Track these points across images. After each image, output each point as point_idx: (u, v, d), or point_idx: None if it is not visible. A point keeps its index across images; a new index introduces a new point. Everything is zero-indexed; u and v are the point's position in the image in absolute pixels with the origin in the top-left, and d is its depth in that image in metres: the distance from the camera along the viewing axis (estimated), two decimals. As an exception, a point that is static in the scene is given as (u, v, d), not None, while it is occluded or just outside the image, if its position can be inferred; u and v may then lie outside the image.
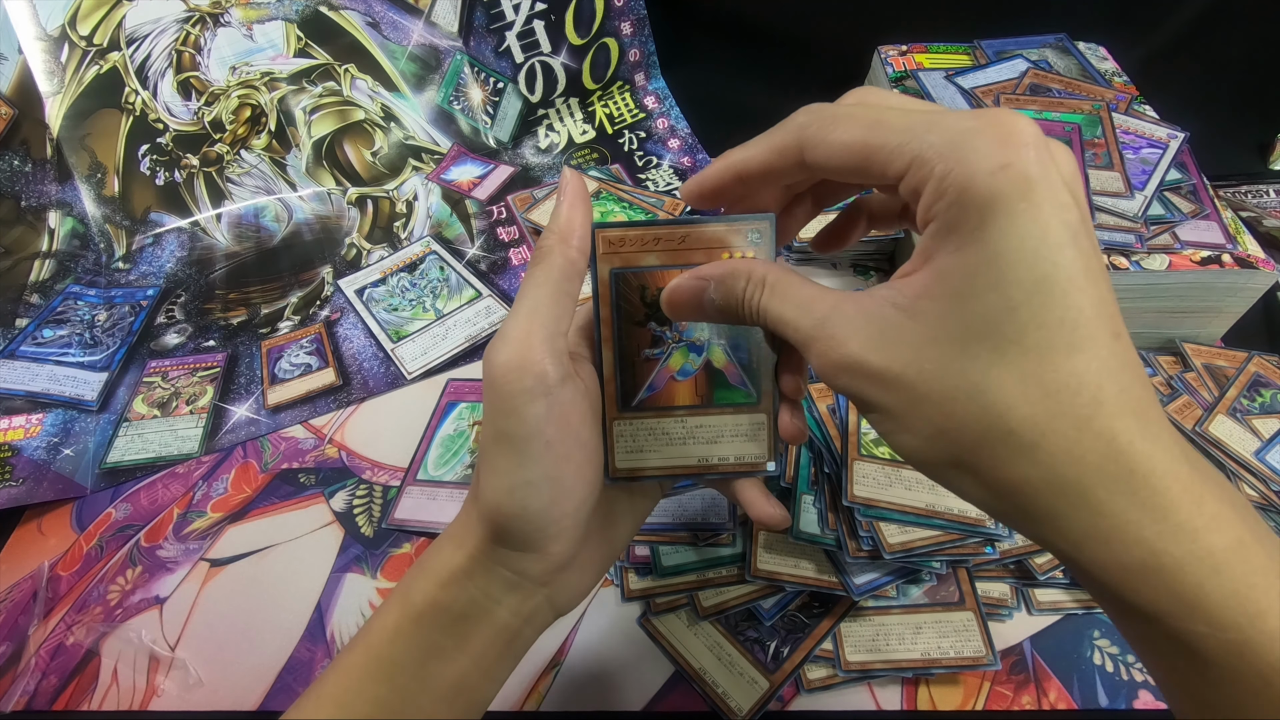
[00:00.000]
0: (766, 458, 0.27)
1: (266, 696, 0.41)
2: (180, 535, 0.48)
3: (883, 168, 0.19)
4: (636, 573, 0.43)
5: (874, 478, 0.40)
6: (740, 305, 0.23)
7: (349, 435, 0.53)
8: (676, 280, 0.25)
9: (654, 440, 0.27)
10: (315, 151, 0.70)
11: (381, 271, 0.64)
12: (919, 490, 0.39)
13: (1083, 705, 0.39)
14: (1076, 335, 0.17)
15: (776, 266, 0.23)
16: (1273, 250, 0.57)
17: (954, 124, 0.18)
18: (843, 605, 0.41)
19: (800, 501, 0.41)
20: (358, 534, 0.48)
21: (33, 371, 0.57)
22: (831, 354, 0.20)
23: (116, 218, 0.67)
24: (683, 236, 0.25)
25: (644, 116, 0.74)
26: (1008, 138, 0.17)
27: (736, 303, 0.23)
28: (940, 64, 0.63)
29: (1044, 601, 0.42)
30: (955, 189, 0.18)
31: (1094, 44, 0.65)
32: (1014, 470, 0.18)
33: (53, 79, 0.64)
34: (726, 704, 0.39)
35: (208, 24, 0.66)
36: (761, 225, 0.25)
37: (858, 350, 0.20)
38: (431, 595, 0.26)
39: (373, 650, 0.26)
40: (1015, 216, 0.17)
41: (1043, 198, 0.17)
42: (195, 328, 0.61)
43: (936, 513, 0.38)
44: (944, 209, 0.18)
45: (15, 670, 0.43)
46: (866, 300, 0.20)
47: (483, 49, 0.69)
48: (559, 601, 0.27)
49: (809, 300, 0.21)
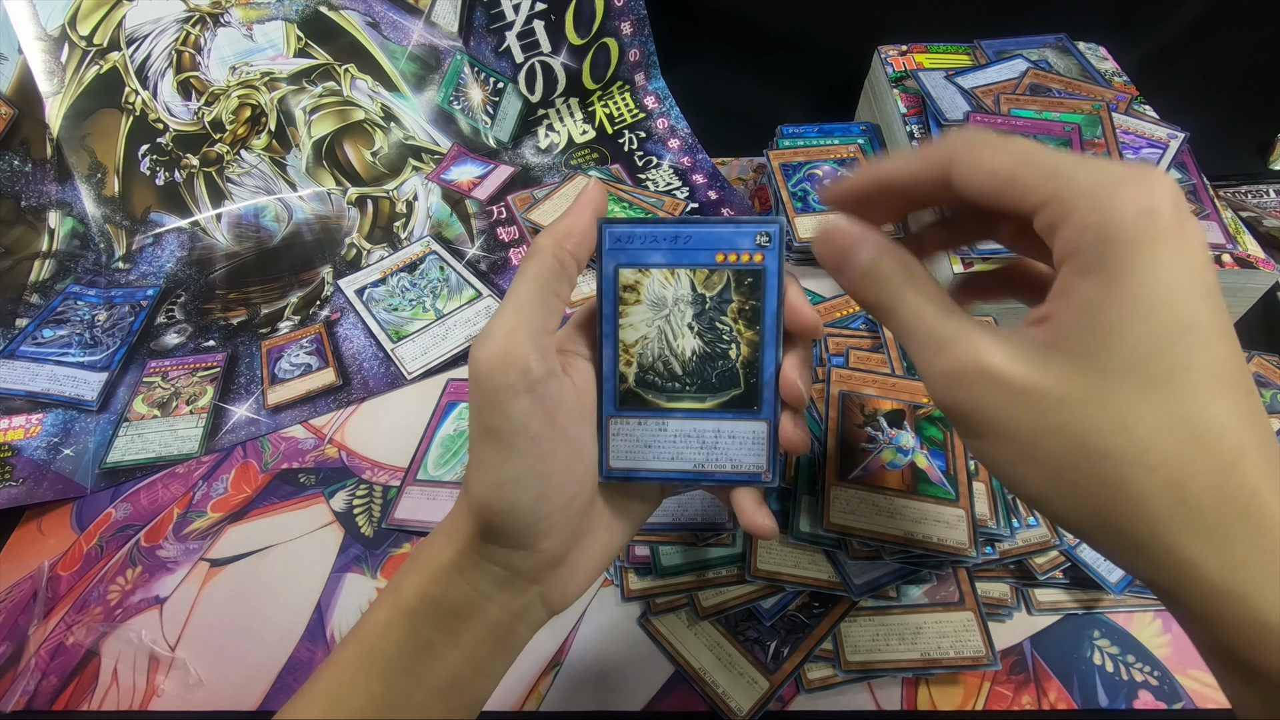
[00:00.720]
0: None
1: (266, 696, 0.41)
2: (180, 535, 0.48)
3: (1022, 197, 0.19)
4: (636, 573, 0.43)
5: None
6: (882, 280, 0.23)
7: (349, 435, 0.53)
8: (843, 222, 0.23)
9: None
10: (315, 151, 0.70)
11: (381, 271, 0.64)
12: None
13: (1083, 705, 0.39)
14: (1219, 383, 0.18)
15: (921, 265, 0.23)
16: (1273, 250, 0.57)
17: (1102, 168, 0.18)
18: (843, 605, 0.41)
19: (801, 502, 0.41)
20: (358, 534, 0.48)
21: (33, 371, 0.57)
22: (969, 359, 0.20)
23: (116, 218, 0.67)
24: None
25: (644, 116, 0.74)
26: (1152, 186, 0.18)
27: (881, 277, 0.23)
28: (940, 64, 0.63)
29: (1044, 601, 0.42)
30: (1101, 226, 0.18)
31: (1094, 44, 0.65)
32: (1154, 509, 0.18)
33: (53, 79, 0.64)
34: (726, 704, 0.39)
35: (208, 24, 0.66)
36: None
37: (1000, 360, 0.19)
38: (423, 590, 0.26)
39: (365, 645, 0.26)
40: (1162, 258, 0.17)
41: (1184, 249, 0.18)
42: (195, 328, 0.61)
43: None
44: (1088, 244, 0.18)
45: (15, 670, 0.43)
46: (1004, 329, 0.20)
47: (483, 49, 0.69)
48: (552, 599, 0.27)
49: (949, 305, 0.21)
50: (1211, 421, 0.17)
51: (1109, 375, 0.18)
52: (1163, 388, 0.18)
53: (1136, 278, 0.17)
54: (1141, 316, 0.17)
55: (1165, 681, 0.39)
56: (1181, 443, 0.17)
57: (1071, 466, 0.19)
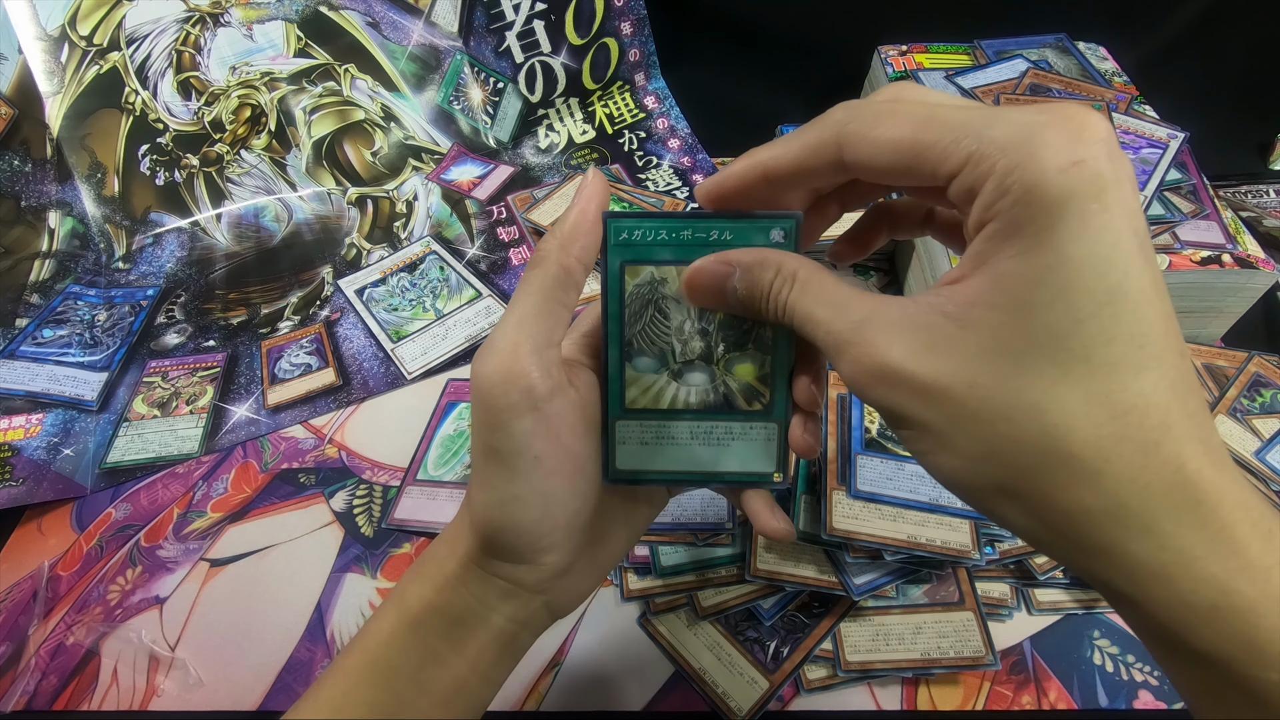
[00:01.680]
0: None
1: (266, 696, 0.41)
2: (180, 535, 0.48)
3: (935, 166, 0.18)
4: (636, 573, 0.43)
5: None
6: (765, 299, 0.21)
7: (349, 435, 0.53)
8: (701, 262, 0.23)
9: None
10: (315, 151, 0.70)
11: (381, 271, 0.64)
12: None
13: (1083, 705, 0.39)
14: (1145, 353, 0.16)
15: (810, 262, 0.21)
16: (1273, 250, 0.57)
17: (1019, 118, 0.17)
18: (842, 605, 0.41)
19: (800, 502, 0.41)
20: (358, 534, 0.48)
21: (33, 371, 0.57)
22: (868, 360, 0.18)
23: (116, 218, 0.67)
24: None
25: (644, 116, 0.74)
26: (1080, 132, 0.16)
27: (761, 295, 0.21)
28: (940, 64, 0.63)
29: (1044, 601, 0.42)
30: (1021, 186, 0.16)
31: (1094, 44, 0.65)
32: (1072, 498, 0.17)
33: (53, 79, 0.64)
34: (726, 704, 0.39)
35: (208, 24, 0.66)
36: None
37: (900, 358, 0.18)
38: (427, 600, 0.25)
39: (369, 654, 0.26)
40: (1088, 219, 0.16)
41: (1116, 200, 0.16)
42: (195, 328, 0.61)
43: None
44: (1007, 207, 0.16)
45: (15, 670, 0.43)
46: (910, 305, 0.19)
47: (483, 49, 0.69)
48: (557, 606, 0.27)
49: (844, 301, 0.20)
50: (1135, 398, 0.16)
51: (1023, 356, 0.17)
52: (1081, 365, 0.16)
53: (1058, 245, 0.16)
54: (1062, 289, 0.16)
55: (1165, 681, 0.39)
56: (1100, 425, 0.16)
57: (986, 456, 0.18)
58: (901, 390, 0.18)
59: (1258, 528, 0.16)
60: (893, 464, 0.41)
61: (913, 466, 0.41)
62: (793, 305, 0.21)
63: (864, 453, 0.42)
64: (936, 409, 0.18)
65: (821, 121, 0.20)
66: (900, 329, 0.18)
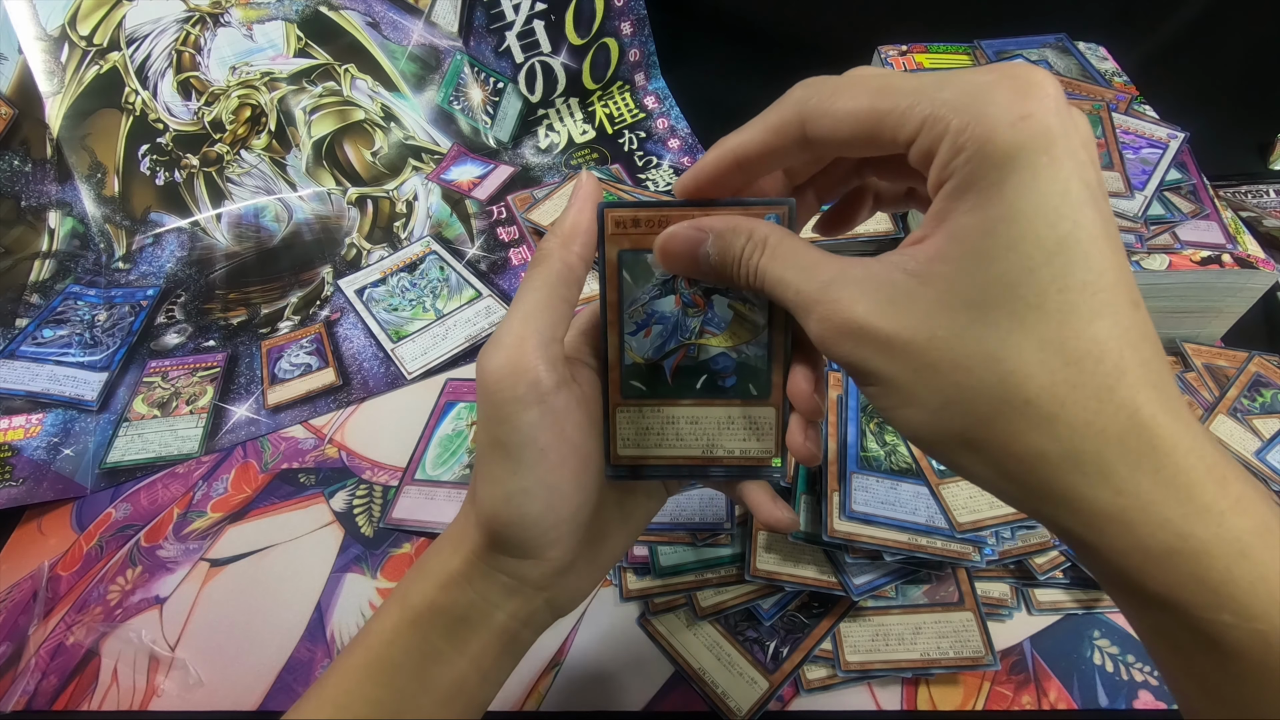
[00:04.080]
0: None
1: (266, 696, 0.41)
2: (180, 535, 0.49)
3: (893, 132, 0.18)
4: (635, 573, 0.43)
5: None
6: (737, 264, 0.22)
7: (349, 435, 0.53)
8: (674, 228, 0.23)
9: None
10: (315, 151, 0.70)
11: (381, 271, 0.64)
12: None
13: (1083, 705, 0.39)
14: (1098, 300, 0.17)
15: (780, 229, 0.22)
16: (1273, 250, 0.57)
17: (969, 79, 0.17)
18: (842, 605, 0.41)
19: (800, 501, 0.41)
20: (357, 534, 0.48)
21: (33, 371, 0.57)
22: (835, 318, 0.19)
23: (116, 218, 0.67)
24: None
25: (644, 116, 0.74)
26: (1027, 89, 0.17)
27: (733, 260, 0.22)
28: (940, 64, 0.63)
29: (1044, 601, 0.42)
30: (973, 143, 0.17)
31: (1094, 44, 0.65)
32: (1029, 444, 0.17)
33: (53, 79, 0.64)
34: (726, 704, 0.39)
35: (208, 24, 0.66)
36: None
37: (864, 314, 0.19)
38: (430, 598, 0.26)
39: (371, 652, 0.26)
40: (1037, 171, 0.16)
41: (1064, 152, 0.16)
42: (195, 328, 0.61)
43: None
44: (961, 164, 0.17)
45: (15, 670, 0.43)
46: (875, 265, 0.19)
47: (483, 49, 0.69)
48: (559, 604, 0.27)
49: (812, 264, 0.20)
50: (1089, 344, 0.17)
51: (979, 307, 0.17)
52: (1035, 313, 0.17)
53: (1008, 196, 0.16)
54: (1014, 238, 0.17)
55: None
56: (1055, 371, 0.17)
57: (947, 406, 0.18)
58: (866, 345, 0.19)
59: (1212, 472, 0.16)
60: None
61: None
62: (764, 269, 0.21)
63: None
64: (899, 363, 0.18)
65: (783, 101, 0.21)
66: (865, 286, 0.19)
